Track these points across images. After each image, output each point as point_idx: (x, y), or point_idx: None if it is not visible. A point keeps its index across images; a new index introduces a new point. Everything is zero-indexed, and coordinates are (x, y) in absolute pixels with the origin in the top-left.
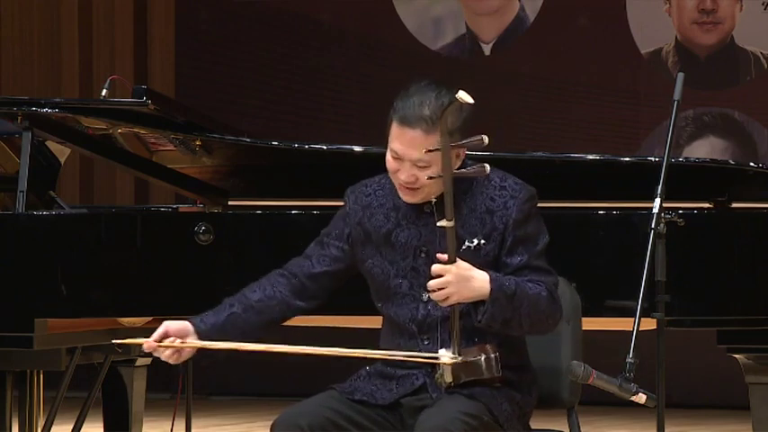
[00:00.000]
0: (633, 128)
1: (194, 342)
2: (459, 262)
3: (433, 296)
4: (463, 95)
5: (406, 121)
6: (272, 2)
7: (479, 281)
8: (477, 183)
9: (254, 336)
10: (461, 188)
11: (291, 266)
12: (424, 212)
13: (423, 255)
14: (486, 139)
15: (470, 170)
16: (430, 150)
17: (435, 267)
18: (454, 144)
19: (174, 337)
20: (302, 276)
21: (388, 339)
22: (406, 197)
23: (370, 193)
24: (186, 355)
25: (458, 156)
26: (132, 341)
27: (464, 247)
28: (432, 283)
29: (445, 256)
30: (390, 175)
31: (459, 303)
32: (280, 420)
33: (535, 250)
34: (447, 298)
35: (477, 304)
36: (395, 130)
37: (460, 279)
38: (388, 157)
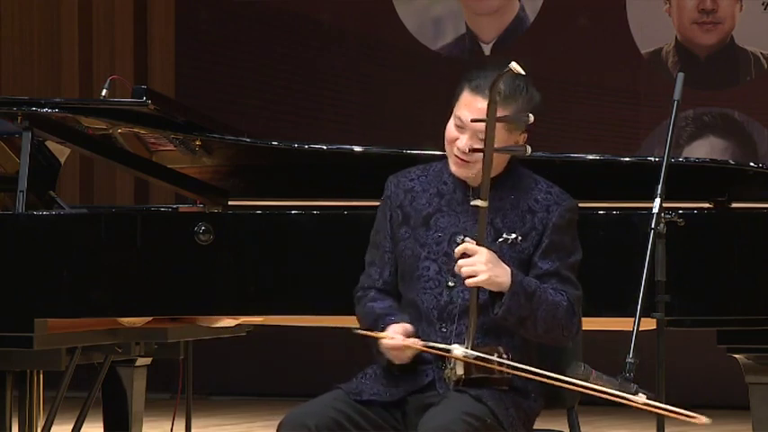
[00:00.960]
0: (633, 128)
1: (417, 342)
2: (488, 250)
3: (463, 271)
4: (516, 66)
5: (480, 90)
6: (272, 2)
7: (505, 269)
8: (524, 182)
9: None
10: (508, 184)
11: (365, 282)
12: (467, 200)
13: (458, 241)
14: (531, 117)
15: (511, 148)
16: (475, 120)
17: (464, 246)
18: (500, 118)
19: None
20: (381, 284)
21: None
22: (457, 168)
23: (413, 178)
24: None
25: (516, 140)
26: (373, 334)
27: (501, 239)
28: (462, 261)
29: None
30: (447, 145)
31: (480, 288)
32: (286, 420)
33: (567, 261)
34: (475, 276)
35: (495, 297)
36: (465, 98)
37: (491, 259)
38: (451, 125)
